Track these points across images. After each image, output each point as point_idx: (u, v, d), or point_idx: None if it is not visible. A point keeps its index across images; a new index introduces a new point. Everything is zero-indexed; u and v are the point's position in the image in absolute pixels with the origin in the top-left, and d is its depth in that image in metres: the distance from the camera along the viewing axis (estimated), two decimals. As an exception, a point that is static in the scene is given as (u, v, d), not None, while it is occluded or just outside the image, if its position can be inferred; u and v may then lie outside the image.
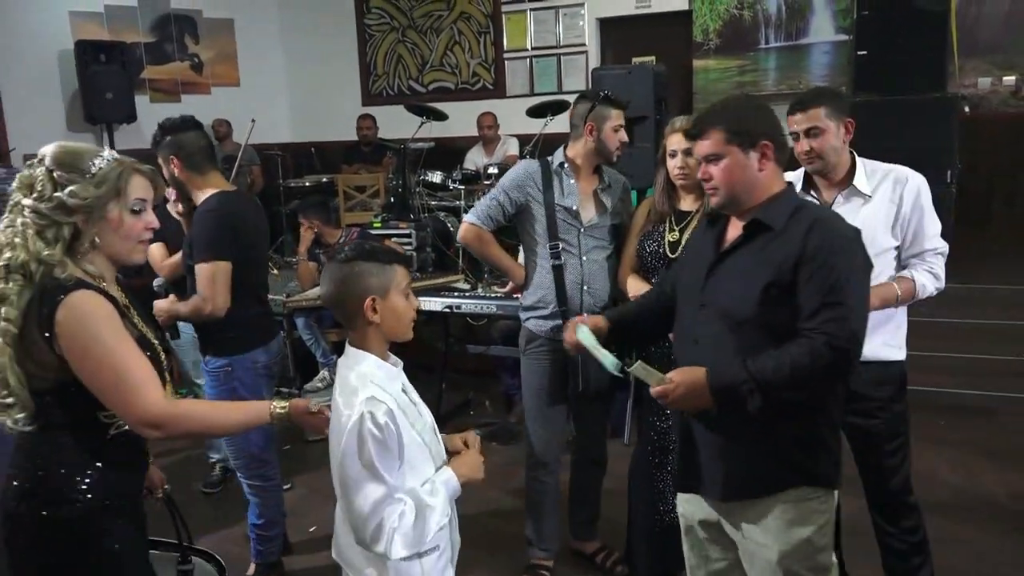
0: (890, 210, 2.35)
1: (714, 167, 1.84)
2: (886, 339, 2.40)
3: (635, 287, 2.71)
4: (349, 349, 1.75)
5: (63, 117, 6.74)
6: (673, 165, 2.64)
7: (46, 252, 1.57)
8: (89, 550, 1.63)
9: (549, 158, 2.88)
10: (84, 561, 1.63)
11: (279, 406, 1.78)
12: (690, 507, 2.03)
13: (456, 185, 5.81)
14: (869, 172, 2.40)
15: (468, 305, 4.14)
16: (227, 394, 2.71)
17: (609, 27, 7.11)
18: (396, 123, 6.69)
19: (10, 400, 1.57)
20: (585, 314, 2.42)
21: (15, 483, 1.62)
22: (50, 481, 1.60)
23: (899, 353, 2.42)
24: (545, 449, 2.90)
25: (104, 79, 6.60)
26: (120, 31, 7.09)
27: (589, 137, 2.78)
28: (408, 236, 5.12)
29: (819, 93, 2.44)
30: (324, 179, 7.06)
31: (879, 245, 2.31)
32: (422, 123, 6.01)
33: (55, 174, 1.60)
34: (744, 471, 1.83)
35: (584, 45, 7.10)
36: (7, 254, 1.57)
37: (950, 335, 4.75)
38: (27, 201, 1.59)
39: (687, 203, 2.69)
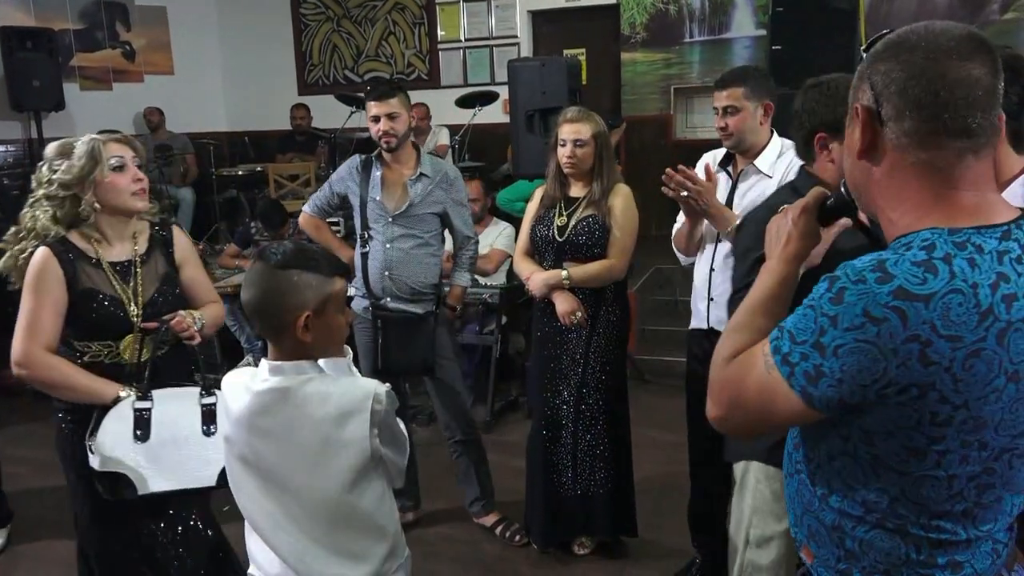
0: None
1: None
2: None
3: (527, 268, 2.86)
4: (284, 365, 1.49)
5: (-12, 104, 6.64)
6: (563, 154, 2.76)
7: (50, 227, 2.01)
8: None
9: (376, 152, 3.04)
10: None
11: (125, 395, 2.02)
12: None
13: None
14: (785, 150, 2.41)
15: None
16: None
17: (540, 20, 7.25)
18: (332, 113, 6.75)
19: None
20: (389, 298, 2.92)
21: None
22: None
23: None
24: None
25: (31, 66, 6.51)
26: (48, 18, 6.99)
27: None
28: (337, 224, 5.22)
29: (742, 73, 2.47)
30: (258, 168, 7.07)
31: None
32: (352, 112, 6.09)
33: (52, 164, 2.04)
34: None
35: (516, 37, 7.21)
36: (24, 232, 2.05)
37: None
38: (40, 192, 2.04)
39: (576, 189, 2.83)
